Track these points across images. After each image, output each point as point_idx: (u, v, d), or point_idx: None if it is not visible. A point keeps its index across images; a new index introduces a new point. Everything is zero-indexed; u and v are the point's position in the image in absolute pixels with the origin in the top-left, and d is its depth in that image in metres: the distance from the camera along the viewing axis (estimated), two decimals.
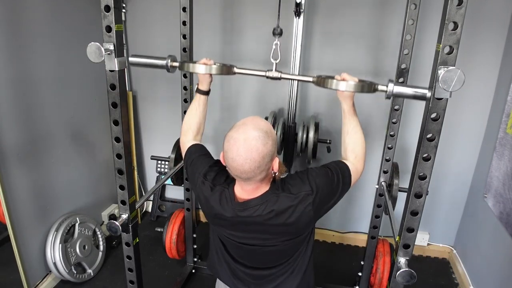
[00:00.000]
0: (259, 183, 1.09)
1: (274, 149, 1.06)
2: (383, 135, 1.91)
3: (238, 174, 1.05)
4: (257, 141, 1.01)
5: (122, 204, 1.43)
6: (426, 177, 1.10)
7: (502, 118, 2.03)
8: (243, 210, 1.11)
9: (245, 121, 1.07)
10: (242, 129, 1.04)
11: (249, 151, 1.00)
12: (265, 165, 1.04)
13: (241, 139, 1.02)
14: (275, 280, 1.24)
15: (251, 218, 1.10)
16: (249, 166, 1.01)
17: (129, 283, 1.59)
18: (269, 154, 1.04)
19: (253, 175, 1.04)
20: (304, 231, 1.17)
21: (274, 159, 1.08)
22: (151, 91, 2.75)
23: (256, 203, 1.10)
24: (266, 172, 1.07)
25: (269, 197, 1.10)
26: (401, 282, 1.19)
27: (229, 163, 1.05)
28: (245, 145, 1.01)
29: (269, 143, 1.03)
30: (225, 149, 1.06)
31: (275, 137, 1.08)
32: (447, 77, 0.96)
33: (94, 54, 1.16)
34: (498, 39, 2.11)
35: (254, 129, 1.03)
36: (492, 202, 2.07)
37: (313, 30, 2.31)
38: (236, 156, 1.02)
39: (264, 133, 1.03)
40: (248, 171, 1.02)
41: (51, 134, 2.12)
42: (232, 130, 1.06)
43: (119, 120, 1.28)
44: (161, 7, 2.50)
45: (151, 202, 3.05)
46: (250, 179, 1.06)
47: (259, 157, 1.01)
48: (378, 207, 1.99)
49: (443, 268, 2.58)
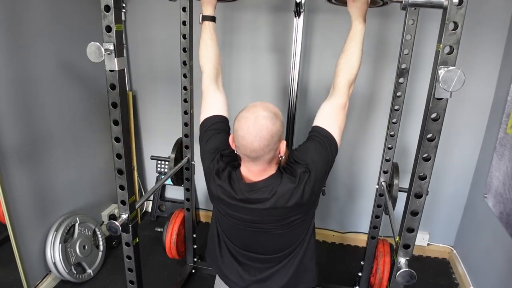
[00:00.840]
0: (266, 164, 1.12)
1: (282, 130, 1.11)
2: (383, 135, 1.91)
3: (248, 152, 1.08)
4: (267, 120, 1.06)
5: (122, 204, 1.43)
6: (426, 177, 1.10)
7: (502, 118, 2.03)
8: (250, 192, 1.13)
9: (255, 104, 1.12)
10: (252, 110, 1.08)
11: (259, 129, 1.05)
12: (274, 144, 1.08)
13: (252, 118, 1.06)
14: (276, 265, 1.26)
15: (257, 201, 1.13)
16: (259, 143, 1.05)
17: (129, 283, 1.59)
18: (278, 133, 1.08)
19: (262, 153, 1.07)
20: (309, 208, 1.20)
21: (282, 141, 1.12)
22: (151, 91, 2.75)
23: (263, 185, 1.12)
24: (274, 153, 1.11)
25: (274, 179, 1.13)
26: (401, 282, 1.19)
27: (239, 141, 1.08)
28: (255, 123, 1.05)
29: (277, 123, 1.08)
30: (235, 128, 1.10)
31: (282, 120, 1.12)
32: (447, 77, 0.96)
33: (94, 54, 1.16)
34: (498, 39, 2.11)
35: (264, 110, 1.08)
36: (492, 202, 2.07)
37: (313, 30, 2.31)
38: (246, 134, 1.06)
39: (273, 114, 1.08)
40: (257, 149, 1.06)
41: (51, 134, 2.12)
42: (243, 111, 1.10)
43: (119, 120, 1.28)
44: (161, 7, 2.50)
45: (151, 202, 3.05)
46: (258, 159, 1.09)
47: (269, 135, 1.05)
48: (378, 207, 1.99)
49: (443, 268, 2.58)
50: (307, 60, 2.37)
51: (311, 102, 2.46)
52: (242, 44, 2.45)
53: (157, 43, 2.59)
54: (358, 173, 2.62)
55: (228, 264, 1.32)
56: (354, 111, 2.43)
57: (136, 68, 2.70)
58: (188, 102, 1.95)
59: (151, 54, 2.63)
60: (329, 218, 2.79)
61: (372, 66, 2.31)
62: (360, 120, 2.47)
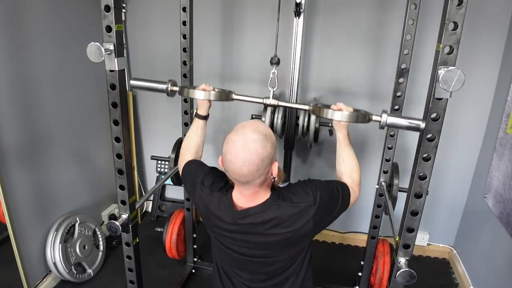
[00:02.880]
0: (258, 188, 1.07)
1: (273, 152, 1.05)
2: (383, 135, 1.91)
3: (237, 177, 1.03)
4: (256, 144, 1.00)
5: (122, 204, 1.43)
6: (426, 177, 1.10)
7: (502, 118, 2.03)
8: (243, 218, 1.09)
9: (244, 124, 1.06)
10: (241, 132, 1.03)
11: (248, 154, 0.99)
12: (264, 168, 1.02)
13: (240, 141, 1.00)
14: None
15: (251, 226, 1.08)
16: (248, 169, 1.00)
17: (129, 283, 1.59)
18: (268, 157, 1.02)
19: (252, 178, 1.02)
20: (303, 242, 1.15)
21: (274, 163, 1.06)
22: (151, 91, 2.74)
23: (257, 211, 1.08)
24: (265, 176, 1.05)
25: (270, 205, 1.08)
26: (401, 282, 1.19)
27: (228, 166, 1.03)
28: (244, 148, 1.00)
29: (268, 145, 1.02)
30: (223, 152, 1.05)
31: (274, 141, 1.07)
32: (447, 77, 0.96)
33: (94, 54, 1.16)
34: (498, 39, 2.11)
35: (253, 132, 1.02)
36: (492, 202, 2.07)
37: (313, 30, 2.31)
38: (234, 158, 1.00)
39: (263, 136, 1.02)
40: (246, 174, 1.00)
41: (51, 134, 2.12)
42: (231, 133, 1.05)
43: (119, 120, 1.28)
44: (161, 7, 2.50)
45: (151, 202, 3.05)
46: (249, 183, 1.04)
47: (258, 159, 1.00)
48: (378, 207, 1.99)
49: (443, 268, 2.58)
50: (307, 59, 2.37)
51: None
52: (242, 43, 2.45)
53: (157, 43, 2.59)
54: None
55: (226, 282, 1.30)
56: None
57: (136, 68, 2.70)
58: (188, 102, 1.95)
59: (151, 54, 2.63)
60: None
61: (372, 65, 2.31)
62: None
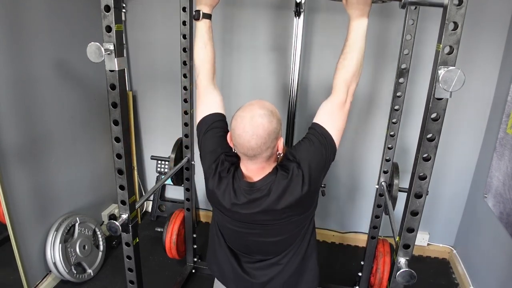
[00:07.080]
0: (265, 162, 1.13)
1: (279, 127, 1.11)
2: (383, 135, 1.91)
3: (245, 150, 1.09)
4: (263, 118, 1.06)
5: (122, 204, 1.43)
6: (426, 177, 1.10)
7: (502, 118, 2.03)
8: (250, 191, 1.13)
9: (251, 102, 1.12)
10: (249, 108, 1.09)
11: (255, 128, 1.05)
12: (271, 142, 1.08)
13: (248, 116, 1.07)
14: (276, 266, 1.26)
15: (255, 201, 1.13)
16: (255, 142, 1.06)
17: (129, 283, 1.59)
18: (274, 131, 1.08)
19: (259, 151, 1.08)
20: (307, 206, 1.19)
21: (279, 138, 1.12)
22: (151, 91, 2.75)
23: (261, 185, 1.13)
24: (272, 151, 1.11)
25: (271, 177, 1.13)
26: (401, 282, 1.19)
27: (236, 140, 1.09)
28: (252, 122, 1.06)
29: (274, 121, 1.08)
30: (232, 127, 1.10)
31: (279, 118, 1.13)
32: (447, 77, 0.95)
33: (94, 54, 1.16)
34: (498, 39, 2.11)
35: (260, 108, 1.08)
36: (492, 202, 2.07)
37: (313, 29, 2.31)
38: (242, 132, 1.06)
39: (269, 111, 1.08)
40: (254, 147, 1.06)
41: (51, 134, 2.12)
42: (239, 110, 1.11)
43: (119, 120, 1.28)
44: (161, 7, 2.50)
45: (151, 202, 3.05)
46: (256, 157, 1.10)
47: (265, 133, 1.06)
48: (378, 207, 1.99)
49: (443, 268, 2.58)
50: (307, 59, 2.37)
51: (311, 102, 2.46)
52: (242, 43, 2.45)
53: (157, 43, 2.59)
54: (358, 173, 2.62)
55: (226, 265, 1.32)
56: (354, 111, 2.43)
57: (136, 68, 2.70)
58: (188, 102, 1.95)
59: (151, 54, 2.63)
60: (329, 218, 2.79)
61: (372, 66, 2.31)
62: (360, 120, 2.47)
